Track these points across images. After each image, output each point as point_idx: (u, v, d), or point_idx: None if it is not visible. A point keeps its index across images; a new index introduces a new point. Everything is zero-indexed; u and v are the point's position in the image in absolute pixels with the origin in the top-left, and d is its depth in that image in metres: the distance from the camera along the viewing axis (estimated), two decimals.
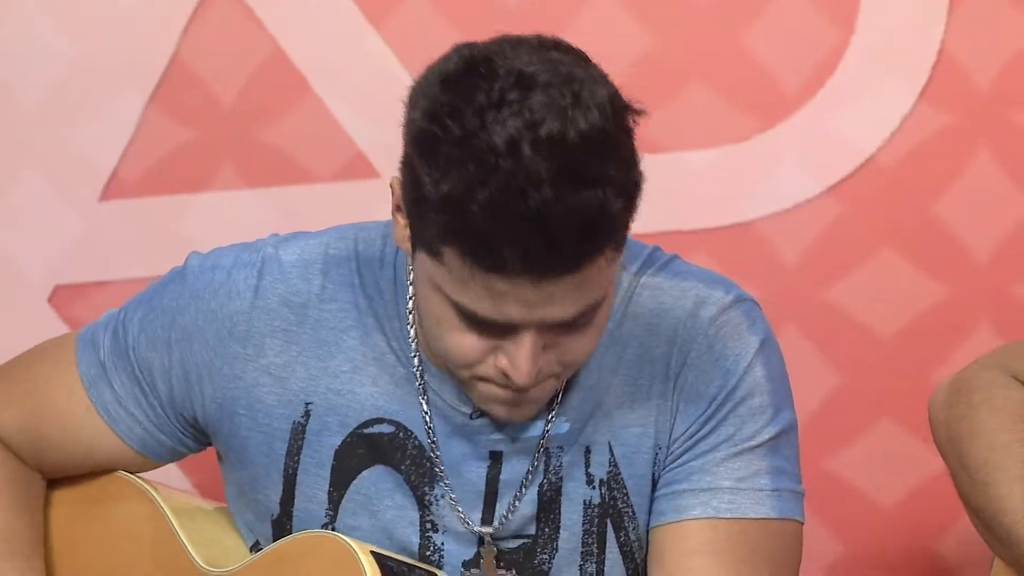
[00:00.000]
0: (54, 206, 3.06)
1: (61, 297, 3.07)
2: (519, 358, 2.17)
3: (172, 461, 2.44)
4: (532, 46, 2.15)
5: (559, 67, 2.12)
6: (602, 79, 2.14)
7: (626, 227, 2.15)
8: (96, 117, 3.04)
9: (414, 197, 2.15)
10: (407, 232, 2.20)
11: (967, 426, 2.54)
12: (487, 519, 2.34)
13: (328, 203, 3.00)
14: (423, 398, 2.32)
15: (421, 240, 2.16)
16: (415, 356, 2.32)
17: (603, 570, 2.35)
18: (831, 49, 3.00)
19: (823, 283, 3.04)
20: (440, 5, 3.00)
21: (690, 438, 2.32)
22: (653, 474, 2.33)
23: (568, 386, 2.31)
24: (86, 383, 2.40)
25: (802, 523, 2.33)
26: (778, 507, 2.31)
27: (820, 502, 2.68)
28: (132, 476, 2.44)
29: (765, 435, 2.31)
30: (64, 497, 2.47)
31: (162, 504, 2.42)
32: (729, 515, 2.30)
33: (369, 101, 3.02)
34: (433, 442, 2.33)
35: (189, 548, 2.38)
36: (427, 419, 2.32)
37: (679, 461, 2.32)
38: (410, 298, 2.31)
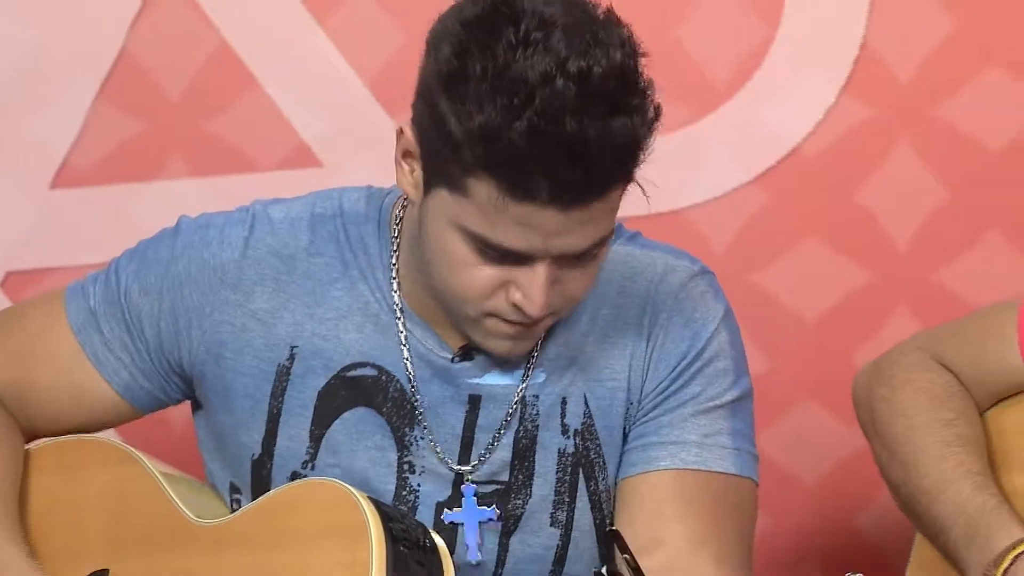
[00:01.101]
0: (6, 195, 3.02)
1: (13, 284, 3.04)
2: (534, 289, 2.23)
3: (152, 411, 2.47)
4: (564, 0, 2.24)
5: (575, 9, 2.20)
6: (616, 20, 2.23)
7: (642, 160, 2.25)
8: (48, 108, 3.01)
9: (437, 136, 2.20)
10: (417, 176, 2.26)
11: (888, 406, 2.55)
12: (464, 461, 2.37)
13: (272, 192, 2.84)
14: (404, 345, 2.36)
15: (442, 178, 2.23)
16: (397, 305, 2.36)
17: (573, 518, 2.37)
18: (758, 43, 3.00)
19: (750, 269, 3.03)
20: (387, 6, 2.98)
21: (660, 394, 2.37)
22: (624, 427, 2.37)
23: (546, 339, 2.37)
24: (75, 328, 2.42)
25: (757, 484, 2.40)
26: (738, 464, 2.38)
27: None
28: (112, 440, 2.47)
29: (727, 397, 2.38)
30: (49, 464, 2.48)
31: (149, 465, 2.43)
32: (696, 467, 2.35)
33: (312, 94, 3.01)
34: (414, 386, 2.36)
35: (179, 503, 2.39)
36: (408, 363, 2.36)
37: (650, 416, 2.37)
38: (394, 251, 2.38)
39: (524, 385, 2.36)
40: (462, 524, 2.35)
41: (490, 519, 2.36)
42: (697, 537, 2.29)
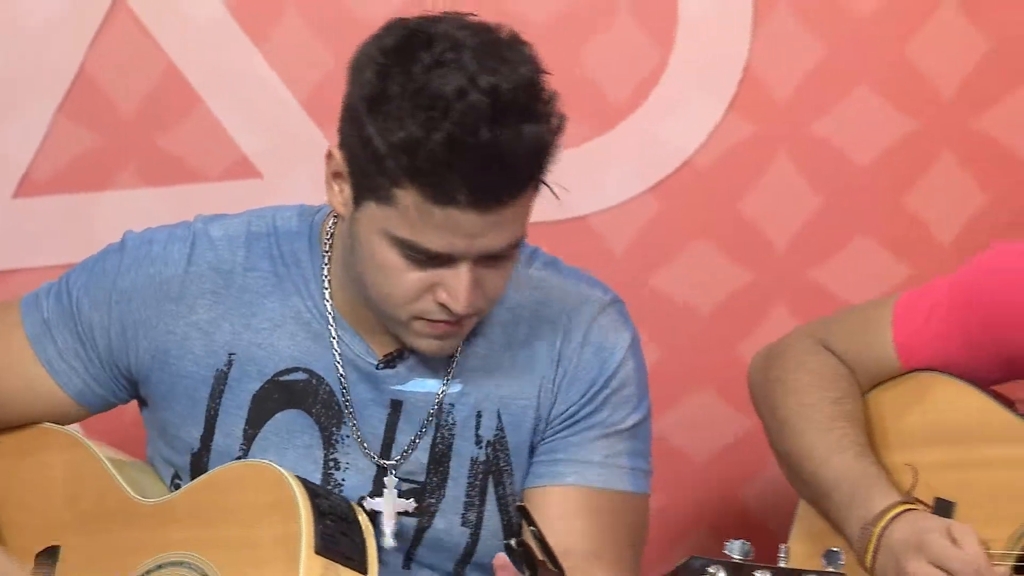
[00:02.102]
0: None
1: None
2: (459, 288, 2.23)
3: (103, 411, 2.46)
4: (453, 18, 2.24)
5: (483, 32, 2.22)
6: (520, 40, 2.25)
7: (551, 164, 2.25)
8: (10, 123, 2.98)
9: (364, 154, 2.21)
10: (346, 194, 2.26)
11: (783, 386, 2.57)
12: (385, 458, 2.37)
13: (217, 200, 2.95)
14: (335, 349, 2.35)
15: (369, 192, 2.22)
16: (330, 313, 2.36)
17: (481, 519, 2.38)
18: (653, 66, 2.99)
19: (647, 270, 3.02)
20: (313, 27, 2.96)
21: (569, 416, 2.37)
22: (532, 442, 2.38)
23: (464, 353, 2.36)
24: (31, 339, 2.42)
25: (649, 496, 2.43)
26: (635, 483, 2.40)
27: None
28: (63, 427, 2.46)
29: (629, 422, 2.39)
30: (8, 450, 2.46)
31: (93, 448, 2.43)
32: (599, 485, 2.37)
33: (252, 111, 3.00)
34: (344, 387, 2.35)
35: (122, 482, 2.39)
36: (339, 366, 2.35)
37: (558, 435, 2.38)
38: (326, 264, 2.36)
39: (442, 394, 2.35)
40: (381, 512, 2.35)
41: (407, 511, 2.35)
42: (596, 548, 2.31)
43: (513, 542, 2.06)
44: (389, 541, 2.34)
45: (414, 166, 2.17)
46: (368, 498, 2.35)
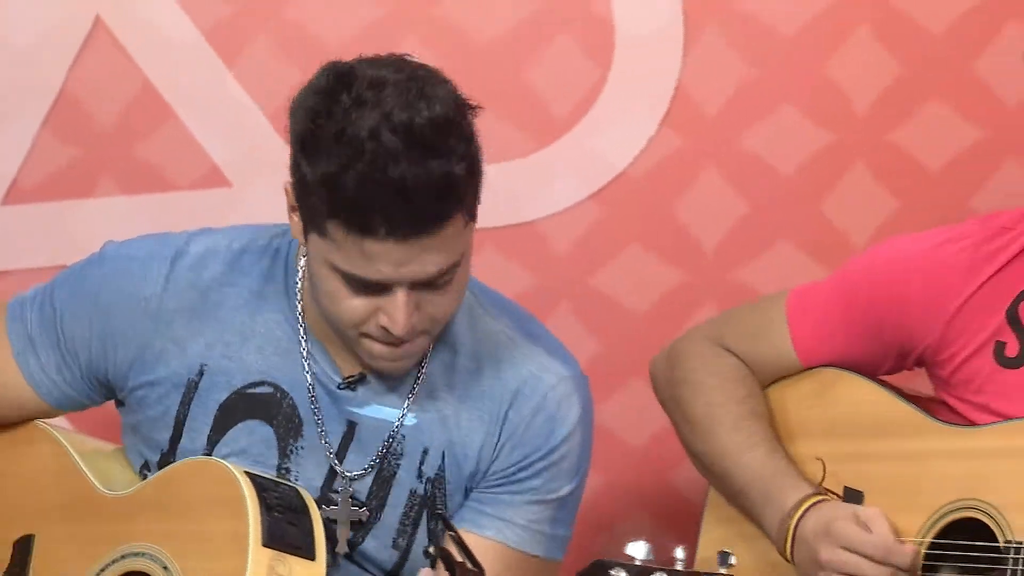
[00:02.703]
0: None
1: None
2: (396, 312, 2.20)
3: (77, 411, 2.46)
4: (384, 59, 2.23)
5: (405, 71, 2.20)
6: (442, 78, 2.22)
7: (475, 196, 2.21)
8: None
9: (301, 189, 2.21)
10: (300, 226, 2.24)
11: (689, 388, 2.55)
12: (332, 473, 2.34)
13: (189, 207, 2.95)
14: (307, 362, 2.33)
15: (312, 224, 2.21)
16: (302, 326, 2.33)
17: (411, 545, 2.36)
18: (593, 84, 2.98)
19: (588, 271, 3.01)
20: (280, 48, 2.95)
21: (505, 475, 2.34)
22: (467, 486, 2.35)
23: (422, 391, 2.33)
24: (15, 351, 2.41)
25: (560, 562, 2.38)
26: (550, 550, 2.36)
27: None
28: (38, 423, 2.44)
29: (562, 492, 2.36)
30: None
31: (65, 443, 2.42)
32: (516, 547, 2.34)
33: (222, 125, 2.99)
34: (313, 396, 2.33)
35: (90, 476, 2.38)
36: (308, 377, 2.33)
37: (492, 490, 2.34)
38: (299, 280, 2.33)
39: (398, 424, 2.33)
40: (336, 520, 2.33)
41: (360, 520, 2.33)
42: None
43: (431, 548, 2.06)
44: (343, 547, 2.33)
45: (335, 201, 2.16)
46: (324, 507, 2.32)
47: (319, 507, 2.31)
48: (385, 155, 2.14)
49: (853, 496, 2.44)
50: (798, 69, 2.96)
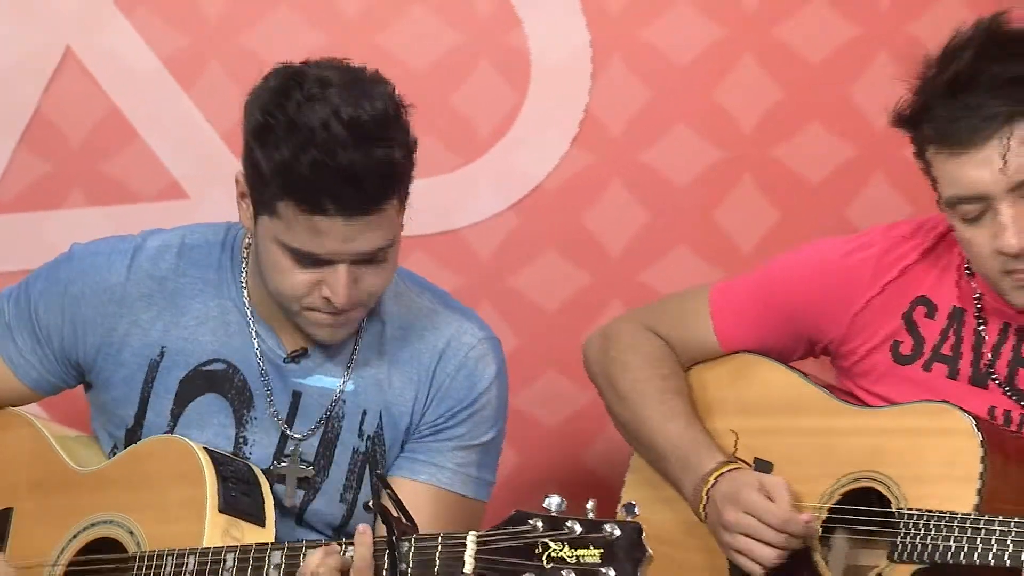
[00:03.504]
0: None
1: None
2: (338, 284, 2.23)
3: (51, 395, 2.45)
4: (330, 62, 2.26)
5: (349, 73, 2.23)
6: (381, 79, 2.26)
7: (409, 181, 2.25)
8: None
9: (256, 175, 2.23)
10: (248, 211, 2.26)
11: (619, 366, 2.56)
12: (284, 439, 2.36)
13: (151, 217, 2.91)
14: (255, 340, 2.34)
15: (263, 207, 2.24)
16: (248, 310, 2.34)
17: (357, 500, 2.38)
18: (511, 108, 2.99)
19: (508, 273, 3.02)
20: (232, 75, 2.94)
21: (435, 426, 2.38)
22: (403, 439, 2.37)
23: (359, 360, 2.35)
24: None
25: (485, 503, 2.41)
26: (477, 491, 2.39)
27: (507, 428, 2.65)
28: (17, 409, 2.44)
29: (484, 439, 2.40)
30: None
31: (41, 427, 2.42)
32: (447, 488, 2.37)
33: (181, 143, 2.98)
34: (264, 371, 2.34)
35: (64, 456, 2.38)
36: (257, 355, 2.34)
37: (424, 440, 2.36)
38: (243, 270, 2.35)
39: (338, 392, 2.35)
40: (286, 476, 2.35)
41: (307, 476, 2.35)
42: None
43: (370, 503, 2.07)
44: (293, 500, 2.34)
45: (289, 184, 2.20)
46: (275, 463, 2.34)
47: (277, 462, 2.33)
48: (335, 143, 2.18)
49: (763, 466, 2.46)
50: (691, 94, 2.97)
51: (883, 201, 2.95)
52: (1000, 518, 2.22)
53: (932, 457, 2.31)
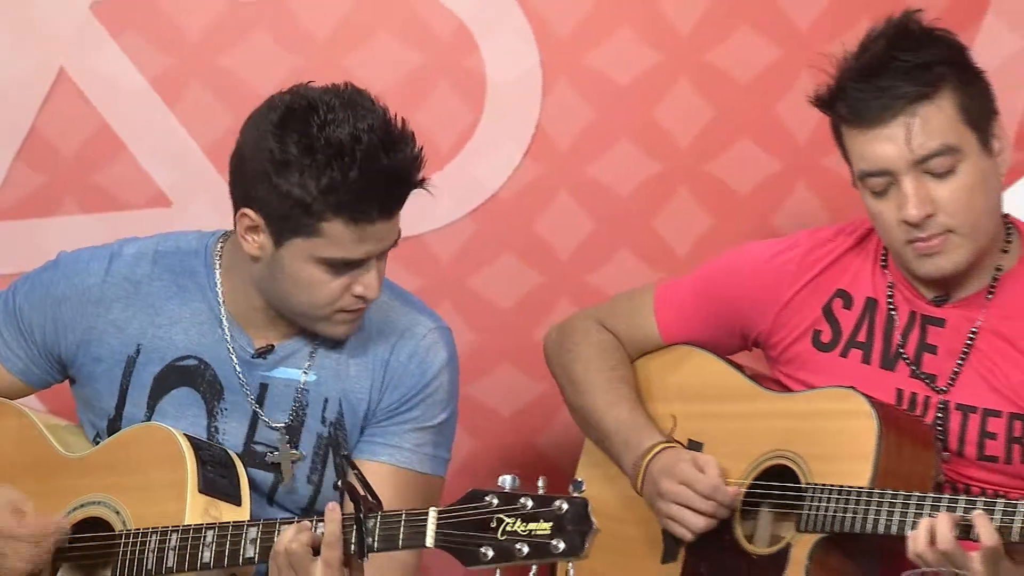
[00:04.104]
0: None
1: None
2: (372, 280, 2.24)
3: (41, 388, 2.44)
4: (311, 87, 2.22)
5: (340, 92, 2.21)
6: (364, 91, 2.24)
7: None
8: None
9: (286, 206, 2.19)
10: (263, 240, 2.22)
11: (573, 356, 2.58)
12: (253, 426, 2.35)
13: (137, 223, 2.90)
14: (227, 338, 2.33)
15: (293, 232, 2.20)
16: (222, 311, 2.33)
17: (322, 479, 2.38)
18: (468, 123, 2.97)
19: (467, 275, 3.01)
20: (213, 93, 2.93)
21: (392, 410, 2.37)
22: (363, 424, 2.36)
23: (321, 353, 2.34)
24: None
25: (444, 478, 2.41)
26: (433, 467, 2.39)
27: (462, 415, 2.65)
28: (11, 402, 2.43)
29: (437, 420, 2.39)
30: None
31: (32, 417, 2.41)
32: (406, 467, 2.37)
33: (165, 156, 2.96)
34: (236, 367, 2.33)
35: (53, 443, 2.38)
36: (230, 351, 2.33)
37: (382, 424, 2.36)
38: (217, 276, 2.34)
39: (302, 382, 2.35)
40: (280, 463, 2.36)
41: (296, 459, 2.35)
42: None
43: (339, 483, 2.08)
44: (290, 480, 2.35)
45: (339, 201, 2.18)
46: (270, 453, 2.35)
47: (249, 455, 2.33)
48: (372, 154, 2.18)
49: (695, 446, 2.49)
50: (632, 112, 2.97)
51: (805, 209, 2.98)
52: (890, 491, 2.26)
53: (836, 437, 2.35)
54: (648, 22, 2.94)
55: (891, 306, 2.44)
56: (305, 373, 2.35)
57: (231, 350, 2.35)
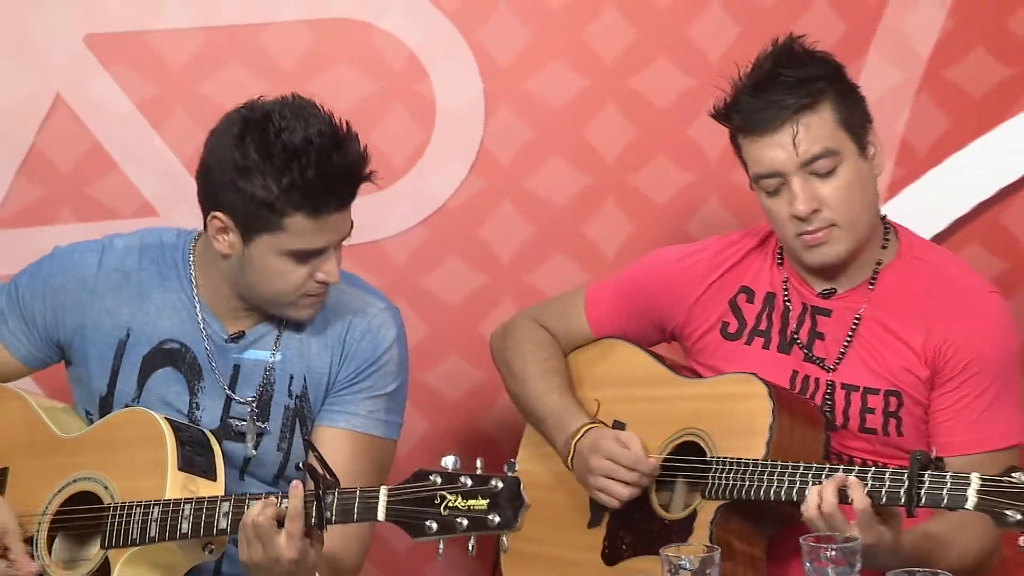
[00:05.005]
0: None
1: None
2: (333, 266, 2.25)
3: (39, 370, 2.44)
4: (273, 100, 2.24)
5: (287, 103, 2.22)
6: (304, 98, 2.25)
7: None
8: None
9: (252, 206, 2.20)
10: (232, 239, 2.23)
11: (514, 351, 2.61)
12: (228, 404, 2.36)
13: (128, 231, 2.80)
14: (202, 324, 2.33)
15: (261, 229, 2.22)
16: (197, 300, 2.34)
17: (290, 449, 2.39)
18: (420, 142, 2.97)
19: (420, 276, 3.01)
20: (193, 116, 2.93)
21: (347, 382, 2.37)
22: (324, 397, 2.37)
23: (286, 335, 2.35)
24: None
25: (395, 441, 2.41)
26: (386, 431, 2.39)
27: (415, 398, 2.68)
28: (5, 385, 2.43)
29: (388, 389, 2.39)
30: None
31: (30, 400, 2.41)
32: (362, 431, 2.37)
33: (151, 171, 2.96)
34: (209, 352, 2.34)
35: (49, 424, 2.37)
36: (204, 338, 2.34)
37: (339, 394, 2.37)
38: (191, 268, 2.34)
39: (270, 362, 2.36)
40: (246, 434, 2.36)
41: (262, 433, 2.36)
42: (355, 475, 2.31)
43: (300, 464, 2.09)
44: (252, 449, 2.36)
45: (299, 199, 2.20)
46: (239, 423, 2.35)
47: (224, 428, 2.33)
48: (324, 153, 2.20)
49: (619, 425, 2.51)
50: (565, 132, 2.98)
51: (715, 218, 3.01)
52: (781, 462, 2.30)
53: (737, 416, 2.39)
54: (578, 53, 2.96)
55: (786, 299, 2.47)
56: (273, 354, 2.36)
57: (207, 336, 2.37)
